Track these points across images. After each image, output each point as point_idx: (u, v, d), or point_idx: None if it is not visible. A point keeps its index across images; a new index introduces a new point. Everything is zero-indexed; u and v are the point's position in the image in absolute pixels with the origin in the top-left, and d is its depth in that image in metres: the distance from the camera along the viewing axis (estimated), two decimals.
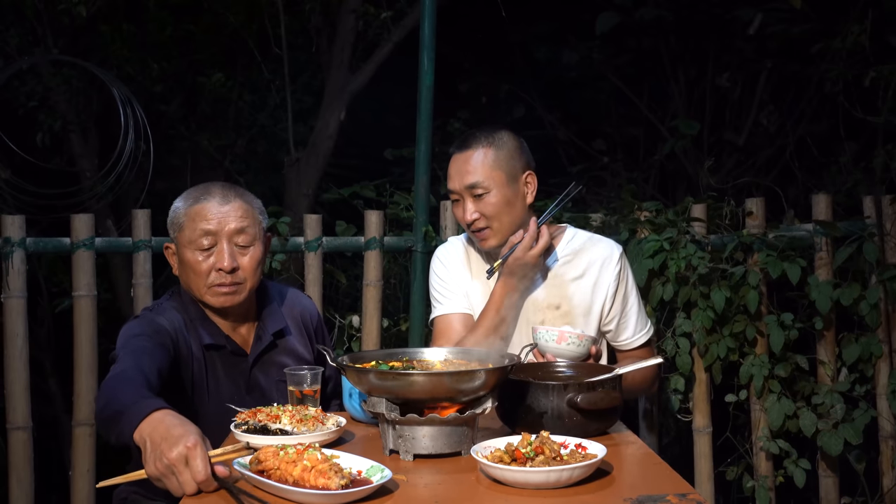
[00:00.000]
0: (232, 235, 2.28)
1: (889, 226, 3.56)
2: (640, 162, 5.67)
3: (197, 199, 2.30)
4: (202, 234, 2.27)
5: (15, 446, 3.36)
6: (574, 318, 2.57)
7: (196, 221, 2.27)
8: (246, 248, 2.31)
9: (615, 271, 2.60)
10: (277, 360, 2.42)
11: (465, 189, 2.53)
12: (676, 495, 1.63)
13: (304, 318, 2.56)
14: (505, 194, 2.51)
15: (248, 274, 2.31)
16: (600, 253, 2.61)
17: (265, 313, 2.44)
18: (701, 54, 5.46)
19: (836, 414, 3.44)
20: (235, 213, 2.29)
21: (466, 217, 2.54)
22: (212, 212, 2.27)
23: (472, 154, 2.53)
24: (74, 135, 4.78)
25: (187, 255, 2.29)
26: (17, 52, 4.60)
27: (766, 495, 3.56)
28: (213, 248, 2.28)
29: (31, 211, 3.68)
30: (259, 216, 2.36)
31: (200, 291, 2.30)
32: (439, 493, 1.67)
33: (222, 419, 2.17)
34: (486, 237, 2.55)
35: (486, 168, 2.51)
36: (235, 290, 2.30)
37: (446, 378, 1.85)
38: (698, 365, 3.59)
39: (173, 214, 2.34)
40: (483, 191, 2.51)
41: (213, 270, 2.28)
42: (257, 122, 5.72)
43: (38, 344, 4.80)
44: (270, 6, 4.90)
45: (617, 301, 2.61)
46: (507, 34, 5.71)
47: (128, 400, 1.81)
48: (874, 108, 4.26)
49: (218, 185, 2.35)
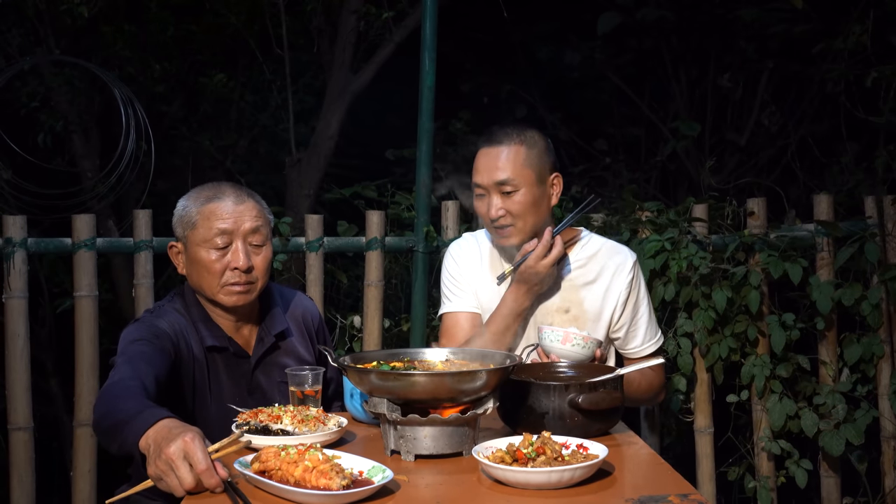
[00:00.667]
0: (247, 235, 2.30)
1: (890, 226, 3.55)
2: (641, 162, 5.67)
3: (210, 198, 2.31)
4: (218, 233, 2.27)
5: (16, 447, 3.36)
6: (583, 323, 2.56)
7: (211, 220, 2.27)
8: (259, 248, 2.33)
9: (628, 279, 2.58)
10: (279, 362, 2.42)
11: (493, 185, 2.49)
12: (678, 496, 1.63)
13: (306, 320, 2.56)
14: (533, 194, 2.49)
15: (261, 273, 2.33)
16: (614, 259, 2.59)
17: (267, 315, 2.44)
18: (702, 54, 5.47)
19: (837, 414, 3.44)
20: (250, 212, 2.31)
21: (492, 213, 2.50)
22: (227, 211, 2.28)
23: (504, 150, 2.49)
24: (76, 135, 4.78)
25: (201, 254, 2.29)
26: (18, 53, 4.60)
27: (768, 496, 3.55)
28: (229, 248, 2.29)
29: (32, 211, 3.68)
30: (269, 217, 2.39)
31: (213, 290, 2.30)
32: (441, 494, 1.67)
33: (224, 421, 2.17)
34: (508, 234, 2.52)
35: (518, 166, 2.48)
36: (248, 290, 2.31)
37: (448, 378, 1.85)
38: (700, 365, 3.59)
39: (184, 213, 2.33)
40: (512, 188, 2.47)
41: (228, 269, 2.28)
42: (259, 123, 5.72)
43: (39, 344, 4.80)
44: (272, 6, 4.90)
45: (627, 309, 2.59)
46: (508, 34, 5.71)
47: (132, 410, 1.81)
48: (876, 108, 4.25)
49: (229, 185, 2.36)
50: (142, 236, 3.45)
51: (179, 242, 2.36)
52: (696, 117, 5.39)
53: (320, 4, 4.95)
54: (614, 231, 3.67)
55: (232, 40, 5.43)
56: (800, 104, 5.22)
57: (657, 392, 2.68)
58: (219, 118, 5.68)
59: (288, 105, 4.92)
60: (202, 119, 5.67)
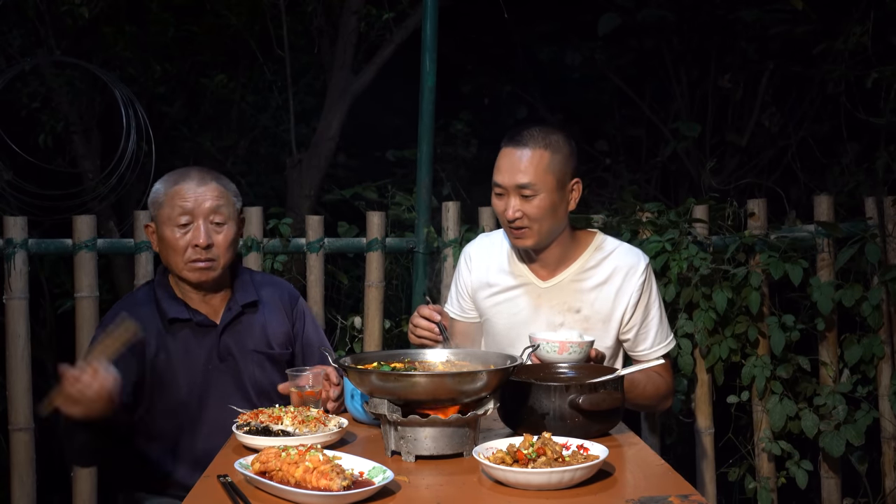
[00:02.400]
0: (207, 214, 2.43)
1: (891, 227, 3.55)
2: (642, 163, 5.68)
3: (176, 181, 2.45)
4: (181, 212, 2.41)
5: (17, 447, 3.37)
6: (593, 324, 2.55)
7: (175, 200, 2.42)
8: (220, 227, 2.45)
9: (639, 281, 2.56)
10: (248, 330, 2.52)
11: (513, 187, 2.47)
12: (679, 496, 1.63)
13: (282, 296, 2.65)
14: (552, 199, 2.47)
15: (222, 251, 2.45)
16: (626, 262, 2.58)
17: (236, 286, 2.56)
18: (703, 55, 5.46)
19: (838, 415, 3.44)
20: (211, 193, 2.44)
21: (509, 214, 2.49)
22: (189, 192, 2.43)
23: (528, 153, 2.47)
24: (77, 136, 4.78)
25: (166, 233, 2.42)
26: (19, 54, 4.60)
27: (768, 496, 3.56)
28: (191, 226, 2.42)
29: (33, 212, 3.69)
30: (233, 198, 2.51)
31: (179, 267, 2.44)
32: (441, 495, 1.67)
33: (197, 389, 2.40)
34: (523, 236, 2.51)
35: (540, 171, 2.46)
36: (210, 266, 2.44)
37: (448, 379, 1.85)
38: (700, 366, 3.59)
39: (154, 195, 2.48)
40: (532, 193, 2.46)
41: (190, 247, 2.42)
42: (259, 124, 5.72)
43: (39, 345, 4.79)
44: (272, 7, 4.91)
45: (638, 311, 2.57)
46: (509, 35, 5.71)
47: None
48: (876, 108, 4.25)
49: (195, 169, 2.51)
50: (142, 237, 3.46)
51: (153, 223, 2.50)
52: (696, 118, 5.39)
53: (321, 5, 4.96)
54: (615, 232, 3.67)
55: (233, 41, 5.43)
56: (800, 105, 5.21)
57: (664, 396, 2.64)
58: (219, 119, 5.68)
59: (289, 106, 4.92)
60: (203, 120, 5.67)
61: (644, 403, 2.60)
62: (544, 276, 2.59)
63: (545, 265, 2.59)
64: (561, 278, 2.58)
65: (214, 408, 2.42)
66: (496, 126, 5.97)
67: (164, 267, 2.53)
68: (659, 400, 2.61)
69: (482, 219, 3.69)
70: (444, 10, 3.61)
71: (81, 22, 4.47)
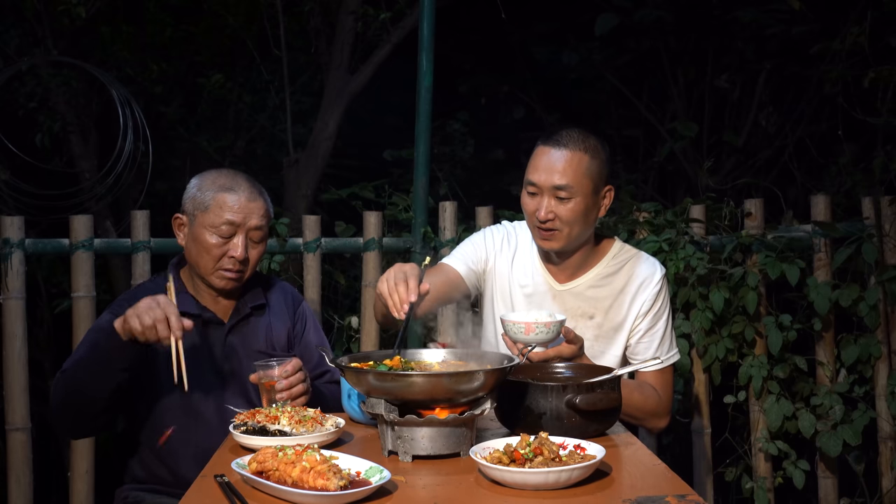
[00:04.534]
0: (250, 230, 2.46)
1: (888, 227, 3.56)
2: (639, 163, 5.68)
3: (226, 187, 2.46)
4: (226, 223, 2.43)
5: (14, 447, 3.36)
6: (605, 332, 2.54)
7: (223, 209, 2.43)
8: (257, 244, 2.50)
9: (654, 291, 2.53)
10: (253, 331, 2.55)
11: (550, 187, 2.43)
12: (675, 496, 1.63)
13: (287, 300, 2.67)
14: (586, 204, 2.44)
15: (252, 264, 2.51)
16: (642, 271, 2.55)
17: (247, 287, 2.58)
18: (700, 55, 5.46)
19: (835, 415, 3.44)
20: (259, 211, 2.48)
21: (541, 214, 2.44)
22: (239, 205, 2.44)
23: (567, 155, 2.42)
24: (74, 136, 4.77)
25: (205, 236, 2.44)
26: (16, 54, 4.60)
27: (765, 496, 3.56)
28: (232, 238, 2.44)
29: (30, 212, 3.68)
30: (271, 214, 2.57)
31: (207, 270, 2.46)
32: (438, 494, 1.67)
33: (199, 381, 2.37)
34: (552, 238, 2.47)
35: (579, 174, 2.42)
36: (238, 277, 2.48)
37: (445, 379, 1.85)
38: (697, 366, 3.59)
39: (198, 193, 2.47)
40: (567, 195, 2.42)
41: (226, 256, 2.44)
42: (256, 123, 5.72)
43: (37, 345, 4.80)
44: (270, 7, 4.91)
45: (647, 319, 2.54)
46: (506, 35, 5.71)
47: (86, 340, 2.34)
48: (873, 109, 4.25)
49: (244, 179, 2.51)
50: (139, 237, 3.45)
51: (185, 216, 2.49)
52: (693, 118, 5.40)
53: (318, 5, 4.96)
54: (611, 232, 3.67)
55: (230, 41, 5.44)
56: (797, 105, 5.22)
57: (653, 412, 2.51)
58: (217, 119, 5.68)
59: (286, 106, 4.92)
60: (200, 120, 5.67)
61: (628, 411, 2.41)
62: (562, 279, 2.57)
63: (564, 269, 2.57)
64: (577, 283, 2.56)
65: (214, 406, 2.42)
66: (493, 126, 5.98)
67: (178, 260, 2.56)
68: (647, 414, 2.51)
69: (479, 219, 3.69)
70: (441, 10, 3.61)
71: (79, 22, 4.46)
